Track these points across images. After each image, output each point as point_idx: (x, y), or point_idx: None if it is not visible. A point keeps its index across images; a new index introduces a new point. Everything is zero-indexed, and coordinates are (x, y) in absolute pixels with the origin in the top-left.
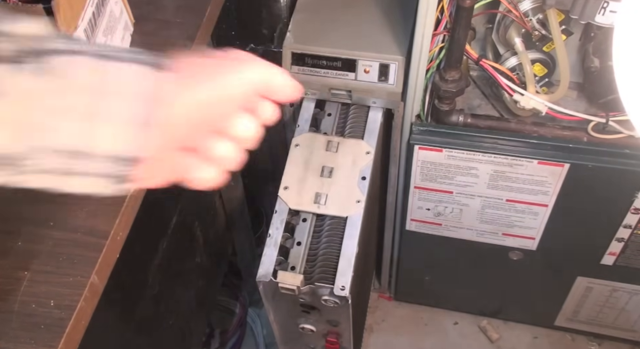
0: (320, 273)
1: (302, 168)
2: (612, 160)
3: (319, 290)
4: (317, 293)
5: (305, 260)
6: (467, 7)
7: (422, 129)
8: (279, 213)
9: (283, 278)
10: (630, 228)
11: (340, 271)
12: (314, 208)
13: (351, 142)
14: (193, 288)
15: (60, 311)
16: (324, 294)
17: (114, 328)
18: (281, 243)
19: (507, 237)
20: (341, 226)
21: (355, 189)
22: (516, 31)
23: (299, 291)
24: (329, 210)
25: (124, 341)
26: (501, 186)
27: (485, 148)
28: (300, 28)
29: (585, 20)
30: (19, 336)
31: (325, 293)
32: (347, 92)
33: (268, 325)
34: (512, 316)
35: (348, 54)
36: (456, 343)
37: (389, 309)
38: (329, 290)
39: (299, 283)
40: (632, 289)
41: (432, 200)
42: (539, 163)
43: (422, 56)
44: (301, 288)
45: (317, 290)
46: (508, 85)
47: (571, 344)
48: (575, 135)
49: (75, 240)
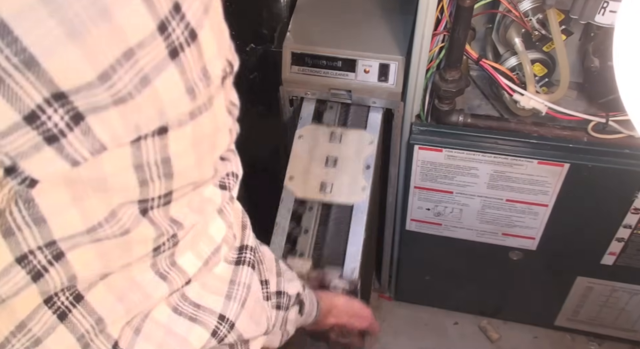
0: (328, 260)
1: (306, 159)
2: (612, 160)
3: (329, 274)
4: (326, 278)
5: (313, 248)
6: (467, 7)
7: (422, 129)
8: (285, 202)
9: (292, 263)
10: (630, 228)
11: (349, 255)
12: (320, 196)
13: (354, 132)
14: None
15: None
16: (333, 279)
17: None
18: (289, 231)
19: (507, 237)
20: (347, 214)
21: (360, 177)
22: (516, 31)
23: (308, 277)
24: (335, 198)
25: None
26: (501, 186)
27: (485, 148)
28: (300, 28)
29: (585, 20)
30: None
31: (335, 277)
32: (347, 92)
33: None
34: (512, 316)
35: (348, 54)
36: (456, 343)
37: (389, 309)
38: (338, 273)
39: (308, 267)
40: (632, 289)
41: (432, 200)
42: (539, 163)
43: (422, 56)
44: (310, 273)
45: (326, 274)
46: (508, 85)
47: (571, 344)
48: (575, 135)
49: None
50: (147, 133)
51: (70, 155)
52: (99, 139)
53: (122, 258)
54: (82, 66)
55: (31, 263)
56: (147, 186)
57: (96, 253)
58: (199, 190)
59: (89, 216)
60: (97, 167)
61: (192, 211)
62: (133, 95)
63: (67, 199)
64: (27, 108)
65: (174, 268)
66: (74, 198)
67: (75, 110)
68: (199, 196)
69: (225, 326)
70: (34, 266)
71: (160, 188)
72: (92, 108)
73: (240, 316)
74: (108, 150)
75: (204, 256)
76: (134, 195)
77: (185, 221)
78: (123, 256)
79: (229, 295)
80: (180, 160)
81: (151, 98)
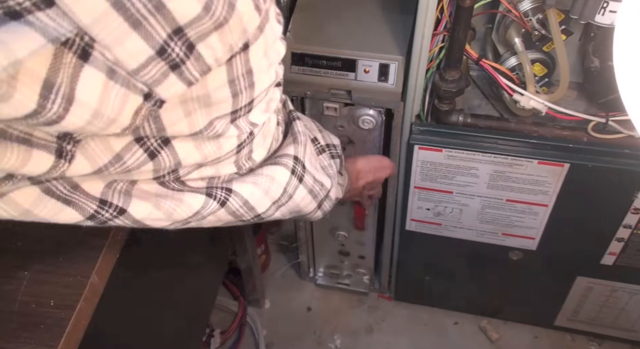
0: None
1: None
2: (612, 160)
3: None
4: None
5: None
6: (467, 7)
7: (422, 129)
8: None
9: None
10: (630, 228)
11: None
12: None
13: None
14: (193, 288)
15: (60, 311)
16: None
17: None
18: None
19: (507, 237)
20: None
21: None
22: (516, 31)
23: (340, 113)
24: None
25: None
26: (501, 186)
27: (485, 148)
28: (300, 28)
29: (585, 20)
30: (19, 336)
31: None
32: (347, 92)
33: (268, 325)
34: (512, 316)
35: (348, 54)
36: (456, 343)
37: (389, 309)
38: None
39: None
40: (632, 289)
41: (432, 200)
42: (539, 163)
43: (422, 56)
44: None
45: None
46: (508, 85)
47: (571, 344)
48: (575, 135)
49: (75, 240)
50: (237, 51)
51: (187, 78)
52: (206, 62)
53: (215, 153)
54: (193, 2)
55: (145, 144)
56: (237, 97)
57: (194, 146)
58: (268, 93)
59: (194, 126)
60: (204, 86)
61: (263, 112)
62: (227, 19)
63: (181, 114)
64: (157, 44)
65: (249, 161)
66: (186, 113)
67: (189, 41)
68: (267, 98)
69: (299, 166)
70: (147, 147)
71: (246, 98)
72: (199, 36)
73: (306, 156)
74: (212, 70)
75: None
76: (228, 106)
77: (259, 120)
78: (217, 152)
79: (295, 140)
80: (258, 69)
81: (237, 20)
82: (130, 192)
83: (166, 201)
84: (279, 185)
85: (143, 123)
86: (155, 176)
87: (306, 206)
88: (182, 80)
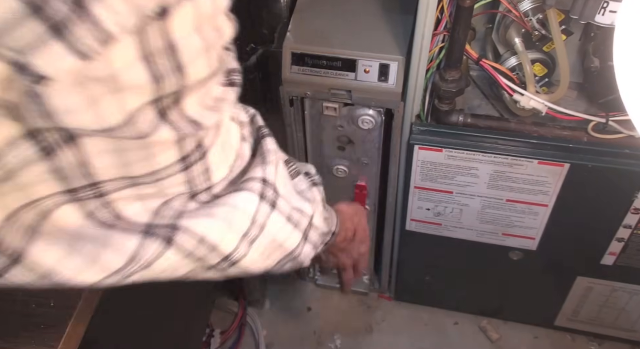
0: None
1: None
2: (612, 160)
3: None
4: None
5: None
6: (467, 7)
7: (422, 129)
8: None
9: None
10: (630, 228)
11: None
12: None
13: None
14: (193, 288)
15: (60, 311)
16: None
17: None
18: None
19: (507, 237)
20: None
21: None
22: (516, 31)
23: (340, 113)
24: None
25: (124, 341)
26: (501, 186)
27: (485, 148)
28: (300, 28)
29: (585, 20)
30: (19, 336)
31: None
32: (347, 92)
33: (268, 325)
34: (512, 316)
35: (348, 54)
36: (456, 343)
37: (389, 309)
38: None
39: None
40: (632, 289)
41: (432, 200)
42: (539, 163)
43: (422, 56)
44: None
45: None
46: (508, 85)
47: (571, 344)
48: (575, 135)
49: None
50: (151, 16)
51: (78, 48)
52: (105, 27)
53: (147, 163)
54: None
55: (37, 137)
56: (160, 82)
57: (114, 148)
58: (209, 85)
59: (103, 119)
60: (107, 62)
61: (207, 109)
62: None
63: (80, 100)
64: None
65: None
66: (88, 100)
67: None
68: (210, 94)
69: (269, 189)
70: (40, 140)
71: (173, 85)
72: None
73: (278, 178)
74: (115, 40)
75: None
76: (147, 92)
77: (203, 120)
78: (148, 161)
79: (264, 161)
80: (187, 47)
81: None
82: (36, 229)
83: (86, 243)
84: (244, 213)
85: (26, 106)
86: (63, 188)
87: (288, 239)
88: (72, 51)
